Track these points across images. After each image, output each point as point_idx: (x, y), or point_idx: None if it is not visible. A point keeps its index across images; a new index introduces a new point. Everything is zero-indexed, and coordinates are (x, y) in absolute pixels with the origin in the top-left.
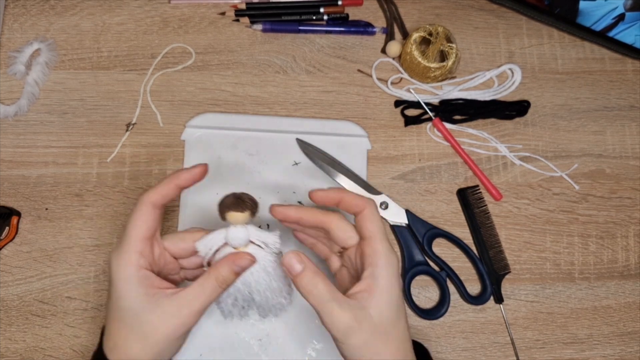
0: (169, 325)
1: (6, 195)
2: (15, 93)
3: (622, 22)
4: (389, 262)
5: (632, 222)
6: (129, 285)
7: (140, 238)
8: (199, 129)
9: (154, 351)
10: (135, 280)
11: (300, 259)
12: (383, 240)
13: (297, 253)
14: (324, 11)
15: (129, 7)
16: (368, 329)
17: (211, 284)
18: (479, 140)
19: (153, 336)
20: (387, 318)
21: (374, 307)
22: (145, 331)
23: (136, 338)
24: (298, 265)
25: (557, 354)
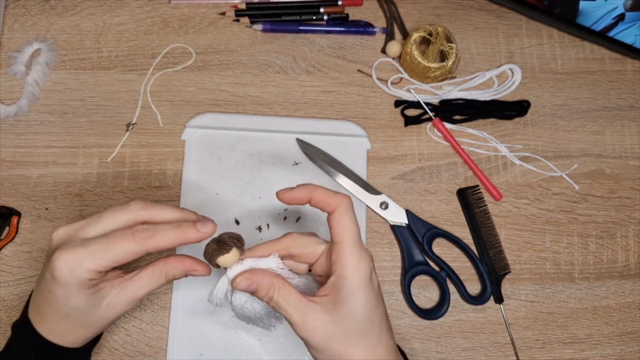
0: (115, 312)
1: (6, 195)
2: (16, 93)
3: (622, 22)
4: (356, 270)
5: (631, 222)
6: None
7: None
8: (199, 129)
9: (95, 332)
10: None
11: (250, 280)
12: (351, 245)
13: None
14: (324, 11)
15: (129, 7)
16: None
17: (160, 278)
18: (479, 140)
19: (97, 323)
20: (351, 328)
21: (335, 316)
22: (90, 321)
23: (79, 327)
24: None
25: (557, 354)
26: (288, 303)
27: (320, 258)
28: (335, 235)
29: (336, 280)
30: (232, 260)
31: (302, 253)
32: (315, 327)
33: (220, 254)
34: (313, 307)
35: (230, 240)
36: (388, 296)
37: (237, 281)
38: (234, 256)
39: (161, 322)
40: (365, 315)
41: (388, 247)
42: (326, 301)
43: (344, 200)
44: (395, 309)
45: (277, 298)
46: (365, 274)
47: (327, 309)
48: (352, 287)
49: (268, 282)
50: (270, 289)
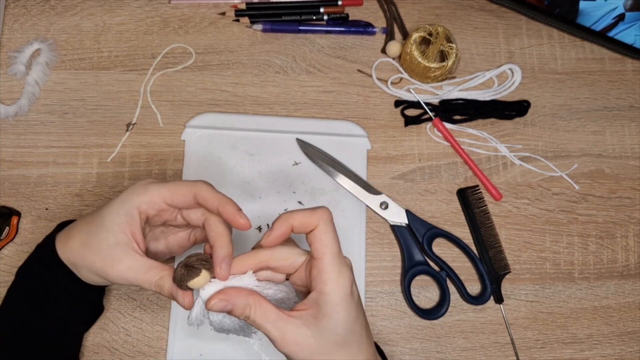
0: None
1: (6, 195)
2: (16, 93)
3: (622, 22)
4: (337, 286)
5: (631, 222)
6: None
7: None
8: (199, 129)
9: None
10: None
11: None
12: (331, 262)
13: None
14: (324, 11)
15: (129, 8)
16: (307, 349)
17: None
18: (479, 140)
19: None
20: (332, 341)
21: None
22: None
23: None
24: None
25: (557, 354)
26: (266, 321)
27: (299, 270)
28: (315, 252)
29: (317, 296)
30: (202, 282)
31: (281, 265)
32: (296, 342)
33: (190, 278)
34: (293, 322)
35: (198, 263)
36: (388, 296)
37: (211, 304)
38: (204, 278)
39: (161, 322)
40: (347, 329)
41: (388, 247)
42: (306, 315)
43: (322, 216)
44: (395, 309)
45: (253, 317)
46: (346, 289)
47: (307, 324)
48: (334, 303)
49: (243, 302)
50: (245, 308)
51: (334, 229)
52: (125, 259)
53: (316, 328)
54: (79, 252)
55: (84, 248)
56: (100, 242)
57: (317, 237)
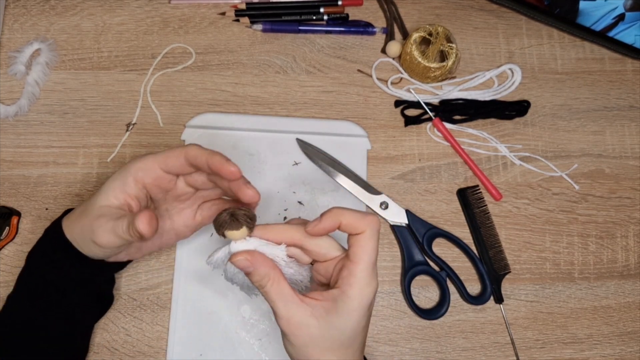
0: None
1: (6, 195)
2: (16, 93)
3: (622, 22)
4: (361, 294)
5: (631, 222)
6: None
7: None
8: (199, 129)
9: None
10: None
11: (250, 262)
12: (365, 270)
13: (245, 257)
14: (324, 11)
15: (129, 7)
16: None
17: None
18: (479, 140)
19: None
20: (334, 339)
21: (324, 325)
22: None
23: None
24: (249, 268)
25: (557, 354)
26: (279, 298)
27: (329, 262)
28: (353, 255)
29: (338, 295)
30: (239, 236)
31: (314, 251)
32: (300, 327)
33: (230, 227)
34: (304, 308)
35: (243, 217)
36: (388, 296)
37: (237, 258)
38: (242, 234)
39: (161, 322)
40: (353, 333)
41: (388, 247)
42: (319, 306)
43: (372, 224)
44: (395, 309)
45: (268, 289)
46: (369, 300)
47: (317, 315)
48: (352, 308)
49: (265, 271)
50: (264, 278)
51: (377, 239)
52: (108, 214)
53: (324, 321)
54: (77, 220)
55: (81, 215)
56: (93, 205)
57: (360, 242)
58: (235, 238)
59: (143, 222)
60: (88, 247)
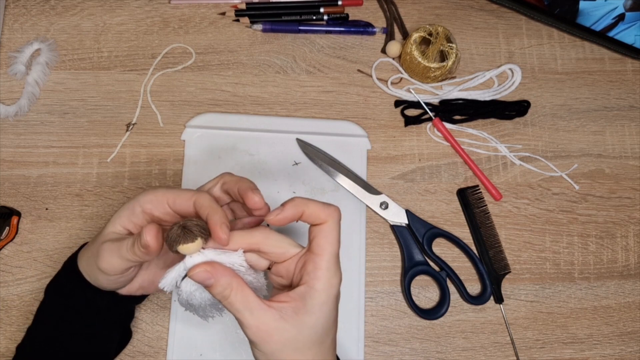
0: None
1: (6, 195)
2: (16, 93)
3: (622, 22)
4: (328, 286)
5: (631, 222)
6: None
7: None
8: (199, 129)
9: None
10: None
11: (210, 274)
12: (330, 260)
13: (204, 269)
14: (324, 11)
15: (129, 8)
16: (280, 342)
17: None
18: (479, 140)
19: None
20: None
21: (295, 326)
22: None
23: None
24: (210, 280)
25: (557, 354)
26: (245, 307)
27: (288, 261)
28: (316, 247)
29: (305, 290)
30: (193, 249)
31: (272, 252)
32: (270, 333)
33: (184, 241)
34: (272, 313)
35: (196, 228)
36: (388, 296)
37: (195, 271)
38: (197, 246)
39: (161, 322)
40: (325, 328)
41: (388, 247)
42: (287, 308)
43: (334, 214)
44: (395, 309)
45: (233, 298)
46: (336, 290)
47: (286, 317)
48: (321, 301)
49: (227, 280)
50: (227, 288)
51: (339, 229)
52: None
53: (295, 323)
54: (86, 250)
55: (91, 244)
56: (102, 233)
57: (323, 233)
58: (190, 252)
59: (150, 234)
60: (95, 275)
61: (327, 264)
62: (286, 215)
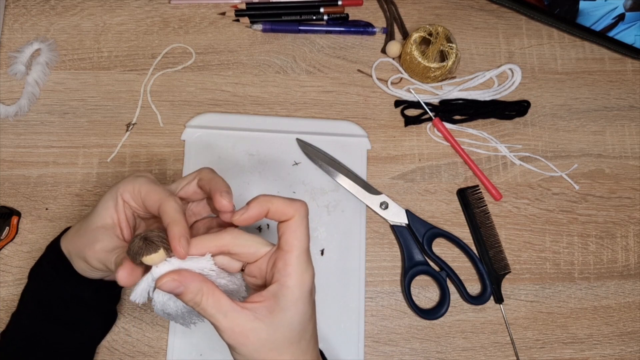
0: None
1: (6, 195)
2: (16, 93)
3: (622, 22)
4: (300, 282)
5: (631, 222)
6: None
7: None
8: (199, 129)
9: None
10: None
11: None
12: (299, 256)
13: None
14: (324, 11)
15: (129, 8)
16: (257, 342)
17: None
18: (479, 140)
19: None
20: (284, 336)
21: (270, 325)
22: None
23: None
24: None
25: (557, 354)
26: (218, 310)
27: (259, 260)
28: (285, 244)
29: (278, 288)
30: (158, 260)
31: (242, 252)
32: (246, 335)
33: (147, 252)
34: (246, 314)
35: (158, 239)
36: (388, 296)
37: (162, 281)
38: (161, 256)
39: (161, 322)
40: (302, 325)
41: (388, 247)
42: (260, 308)
43: (300, 209)
44: (395, 309)
45: (205, 304)
46: (309, 286)
47: (260, 317)
48: (294, 298)
49: (196, 286)
50: (197, 294)
51: (307, 224)
52: (103, 240)
53: (270, 322)
54: (72, 239)
55: (76, 234)
56: (88, 225)
57: (290, 229)
58: (155, 262)
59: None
60: (81, 265)
61: (297, 259)
62: (251, 215)
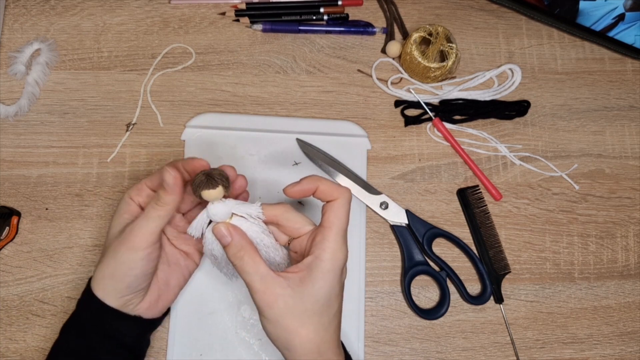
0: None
1: (6, 195)
2: (16, 93)
3: (622, 22)
4: (333, 257)
5: (631, 222)
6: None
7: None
8: (199, 129)
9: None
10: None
11: (229, 232)
12: (337, 234)
13: (227, 226)
14: (324, 11)
15: (129, 7)
16: (284, 307)
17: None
18: (479, 140)
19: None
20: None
21: (299, 292)
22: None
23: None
24: (227, 238)
25: (557, 354)
26: (255, 272)
27: (303, 237)
28: (325, 221)
29: (312, 260)
30: (215, 196)
31: (289, 226)
32: (275, 298)
33: (206, 187)
34: (279, 280)
35: (219, 177)
36: (388, 296)
37: (217, 226)
38: (219, 193)
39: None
40: (326, 299)
41: (388, 247)
42: (294, 277)
43: (345, 193)
44: (395, 309)
45: (245, 261)
46: (340, 263)
47: (292, 285)
48: (325, 270)
49: (242, 242)
50: (241, 249)
51: (349, 209)
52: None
53: (299, 289)
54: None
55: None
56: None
57: (333, 208)
58: (212, 198)
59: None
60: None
61: (334, 236)
62: (303, 187)
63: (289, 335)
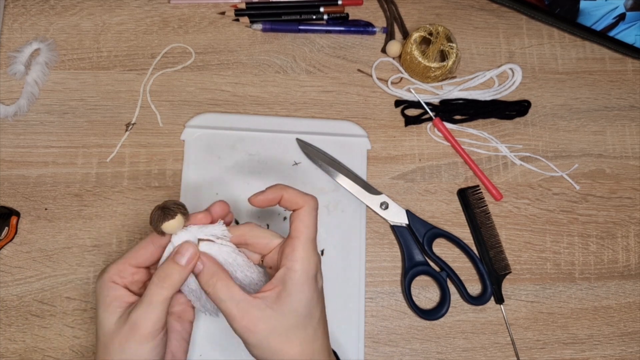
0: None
1: (6, 195)
2: (15, 93)
3: (623, 22)
4: (305, 266)
5: (632, 222)
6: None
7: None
8: (198, 129)
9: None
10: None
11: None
12: (306, 243)
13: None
14: (324, 11)
15: (129, 7)
16: (266, 330)
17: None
18: (479, 140)
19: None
20: (291, 321)
21: (278, 310)
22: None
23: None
24: (197, 267)
25: (557, 354)
26: (230, 298)
27: (272, 251)
28: (293, 231)
29: (285, 273)
30: (176, 226)
31: (258, 242)
32: (255, 323)
33: (165, 219)
34: (257, 303)
35: (174, 206)
36: (388, 296)
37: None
38: (179, 222)
39: None
40: (307, 311)
41: (388, 247)
42: (270, 296)
43: (311, 201)
44: (395, 309)
45: (218, 289)
46: (313, 271)
47: (269, 304)
48: (299, 281)
49: (215, 269)
50: (213, 276)
51: (316, 216)
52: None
53: (278, 307)
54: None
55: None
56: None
57: (299, 217)
58: (174, 229)
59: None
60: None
61: (303, 245)
62: (267, 197)
63: (277, 356)
